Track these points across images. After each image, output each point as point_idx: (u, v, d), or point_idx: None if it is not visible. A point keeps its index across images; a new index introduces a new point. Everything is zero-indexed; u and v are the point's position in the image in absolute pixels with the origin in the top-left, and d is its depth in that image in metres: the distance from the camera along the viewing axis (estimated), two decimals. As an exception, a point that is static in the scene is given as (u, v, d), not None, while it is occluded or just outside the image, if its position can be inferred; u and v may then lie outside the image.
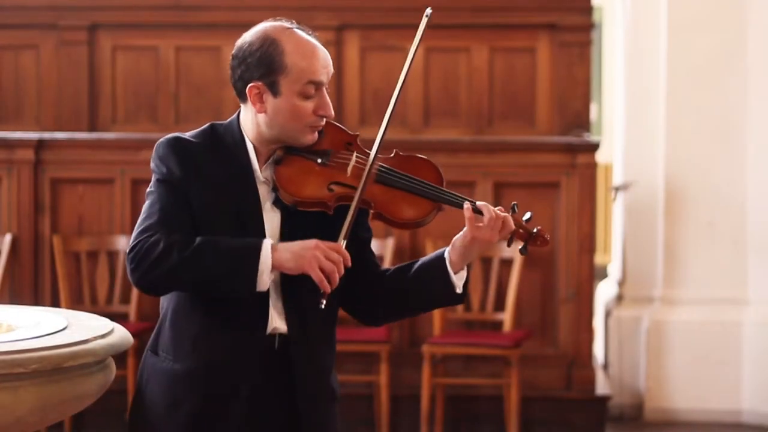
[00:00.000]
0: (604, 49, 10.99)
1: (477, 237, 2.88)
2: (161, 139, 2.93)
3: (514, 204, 2.96)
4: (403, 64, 2.96)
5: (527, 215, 2.97)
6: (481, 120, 7.56)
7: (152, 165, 2.92)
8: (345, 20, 7.54)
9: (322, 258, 2.77)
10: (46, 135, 6.79)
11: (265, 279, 2.78)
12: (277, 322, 2.89)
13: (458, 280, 2.93)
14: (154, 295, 2.91)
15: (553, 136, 7.27)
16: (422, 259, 2.99)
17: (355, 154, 2.92)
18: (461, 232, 2.91)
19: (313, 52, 2.89)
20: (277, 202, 2.91)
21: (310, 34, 2.93)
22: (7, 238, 6.45)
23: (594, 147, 6.57)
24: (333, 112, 2.92)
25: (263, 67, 2.87)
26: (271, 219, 2.91)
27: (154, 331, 2.99)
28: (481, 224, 2.88)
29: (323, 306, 2.81)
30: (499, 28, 7.58)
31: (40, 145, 6.57)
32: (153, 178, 2.92)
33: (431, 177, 2.94)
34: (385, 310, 3.04)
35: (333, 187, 2.87)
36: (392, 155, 2.97)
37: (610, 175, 8.74)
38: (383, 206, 2.89)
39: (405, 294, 2.98)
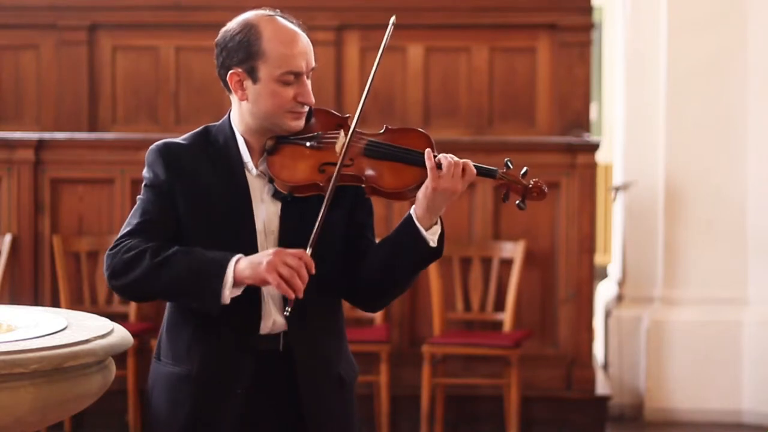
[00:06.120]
0: (604, 49, 10.98)
1: (437, 187, 2.82)
2: (151, 146, 2.95)
3: (507, 160, 2.92)
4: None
5: (524, 170, 2.91)
6: (481, 120, 7.56)
7: (143, 172, 2.95)
8: (345, 20, 7.53)
9: (279, 264, 2.73)
10: (46, 135, 6.79)
11: (226, 293, 2.76)
12: (276, 317, 2.90)
13: (431, 235, 2.86)
14: (129, 300, 2.95)
15: (553, 136, 7.26)
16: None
17: (342, 132, 2.91)
18: (423, 185, 2.84)
19: (293, 39, 2.88)
20: (276, 194, 2.90)
21: (293, 23, 2.91)
22: (7, 238, 6.45)
23: (594, 147, 6.57)
24: (313, 99, 2.91)
25: (242, 52, 2.88)
26: (270, 212, 2.90)
27: (158, 338, 3.03)
28: (441, 174, 2.82)
29: (288, 314, 2.78)
30: (499, 28, 7.58)
31: (40, 145, 6.57)
32: (142, 185, 2.95)
33: (420, 144, 2.89)
34: (377, 289, 2.97)
35: (324, 168, 2.86)
36: (383, 131, 2.94)
37: (610, 175, 8.74)
38: (374, 179, 2.86)
39: (385, 264, 2.91)
